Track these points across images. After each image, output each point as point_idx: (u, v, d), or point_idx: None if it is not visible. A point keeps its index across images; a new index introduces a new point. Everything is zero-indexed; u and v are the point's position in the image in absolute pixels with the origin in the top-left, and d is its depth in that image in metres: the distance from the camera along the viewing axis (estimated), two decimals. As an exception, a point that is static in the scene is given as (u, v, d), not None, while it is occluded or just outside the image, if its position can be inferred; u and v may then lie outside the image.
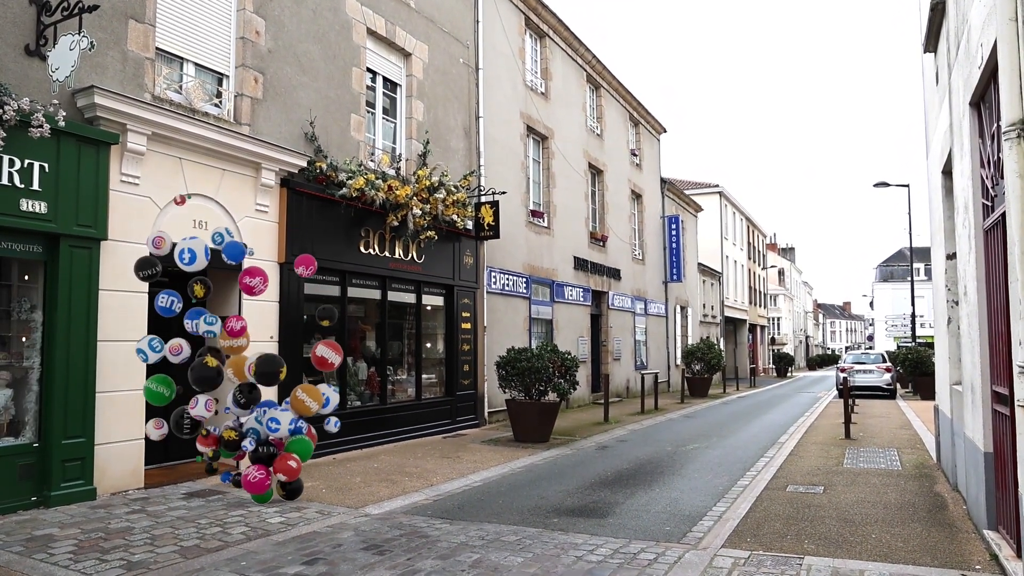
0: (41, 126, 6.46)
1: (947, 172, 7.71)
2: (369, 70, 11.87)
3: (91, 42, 6.68)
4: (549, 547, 5.59)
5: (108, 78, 7.59)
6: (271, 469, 6.92)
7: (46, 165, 6.90)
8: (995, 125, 4.92)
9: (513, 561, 5.20)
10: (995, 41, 4.24)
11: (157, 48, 8.31)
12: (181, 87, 8.71)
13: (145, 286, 7.80)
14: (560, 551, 5.47)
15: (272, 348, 9.26)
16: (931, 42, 7.77)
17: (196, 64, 8.91)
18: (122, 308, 7.58)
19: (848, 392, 13.59)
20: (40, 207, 6.82)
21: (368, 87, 11.87)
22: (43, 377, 6.99)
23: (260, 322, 9.11)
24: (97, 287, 7.32)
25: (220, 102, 9.16)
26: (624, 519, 6.58)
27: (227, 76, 9.28)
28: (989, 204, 5.42)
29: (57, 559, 5.23)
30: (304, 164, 9.91)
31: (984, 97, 5.37)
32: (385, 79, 12.45)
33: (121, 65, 7.78)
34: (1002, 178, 4.73)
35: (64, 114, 6.73)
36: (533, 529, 6.18)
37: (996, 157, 4.99)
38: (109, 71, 7.63)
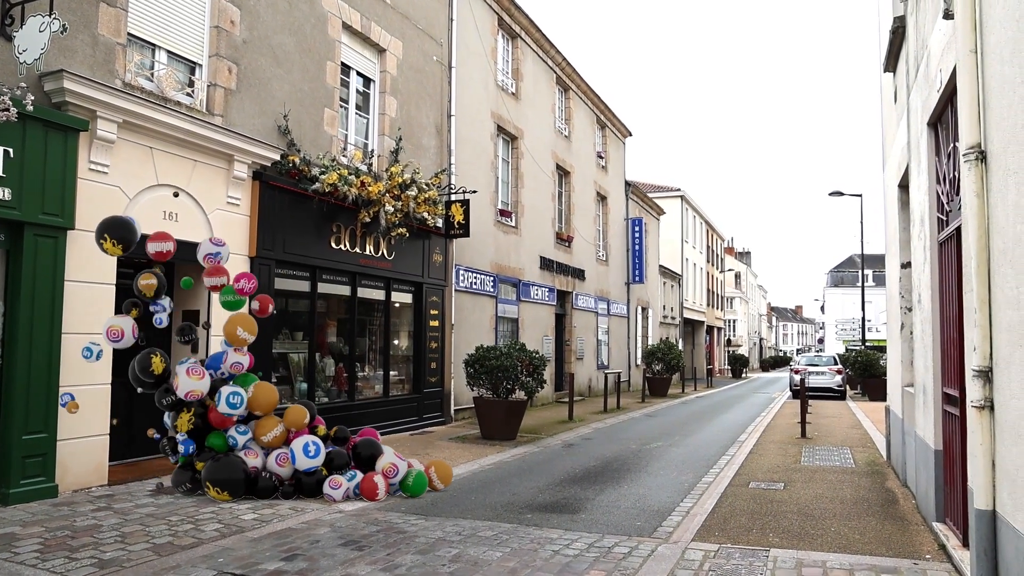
0: (7, 110, 6.28)
1: (903, 186, 8.07)
2: (343, 65, 11.85)
3: (63, 24, 6.54)
4: (525, 542, 5.72)
5: (77, 62, 7.44)
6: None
7: (11, 150, 6.72)
8: (951, 145, 5.21)
9: (492, 556, 5.32)
10: (954, 67, 4.51)
11: (129, 33, 8.17)
12: (152, 74, 8.58)
13: (113, 278, 7.71)
14: (537, 546, 5.61)
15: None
16: (891, 63, 8.12)
17: (168, 52, 8.80)
18: (89, 300, 7.45)
19: (804, 393, 14.03)
20: (3, 194, 6.65)
21: (342, 82, 11.84)
22: (3, 370, 6.83)
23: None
24: (63, 278, 7.17)
25: (192, 92, 9.06)
26: (596, 514, 6.76)
27: (200, 65, 9.18)
28: (944, 218, 5.73)
29: (23, 558, 5.11)
30: (277, 157, 9.86)
31: (941, 118, 5.67)
32: (359, 74, 12.43)
33: (91, 49, 7.63)
34: (957, 194, 5.02)
35: (32, 98, 6.54)
36: (508, 525, 6.31)
37: (952, 175, 5.29)
38: (78, 55, 7.48)
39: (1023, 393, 3.38)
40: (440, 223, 13.87)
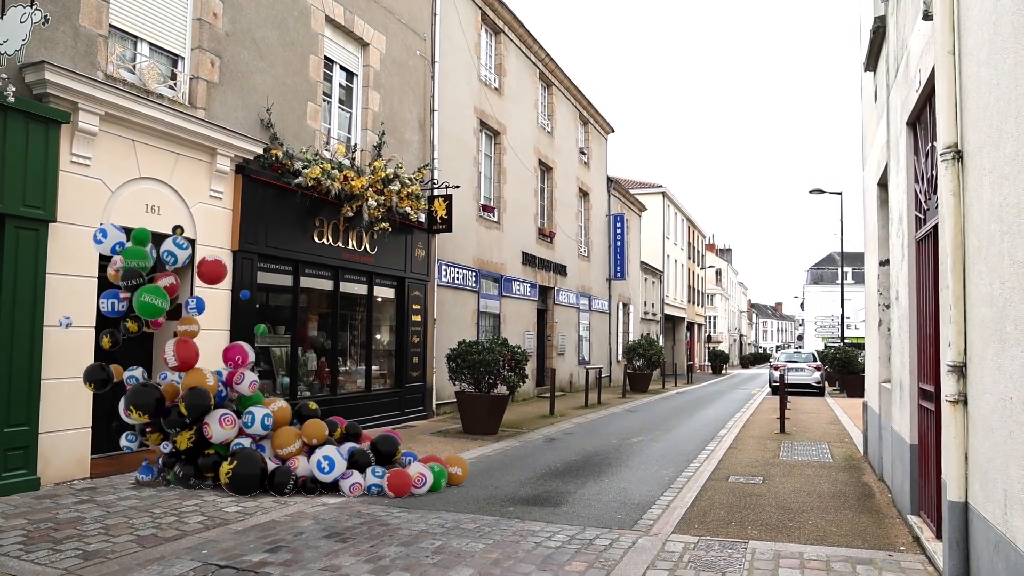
0: None
1: (883, 184, 8.20)
2: (327, 58, 11.79)
3: (45, 16, 6.50)
4: (508, 534, 5.77)
5: (58, 54, 7.36)
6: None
7: (-9, 142, 6.66)
8: (930, 144, 5.32)
9: (475, 547, 5.36)
10: (932, 68, 4.61)
11: (111, 25, 8.09)
12: (135, 67, 8.50)
13: (95, 271, 7.64)
14: (519, 538, 5.66)
15: (224, 337, 9.15)
16: (871, 62, 8.24)
17: (151, 44, 8.71)
18: (70, 293, 7.38)
19: (783, 389, 14.22)
20: (-16, 186, 6.59)
21: (325, 76, 11.79)
22: (-16, 362, 6.77)
23: (212, 311, 8.99)
24: (44, 270, 7.11)
25: (175, 84, 8.98)
26: (577, 508, 6.83)
27: (183, 58, 9.10)
28: (921, 216, 5.85)
29: (6, 550, 5.09)
30: (260, 151, 9.80)
31: (920, 118, 5.78)
32: (342, 68, 12.38)
33: (72, 41, 7.55)
34: (934, 193, 5.13)
35: (14, 89, 6.53)
36: (490, 517, 6.36)
37: (930, 174, 5.40)
38: (59, 46, 7.40)
39: (995, 388, 3.47)
40: (423, 218, 13.87)
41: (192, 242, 8.87)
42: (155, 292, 7.01)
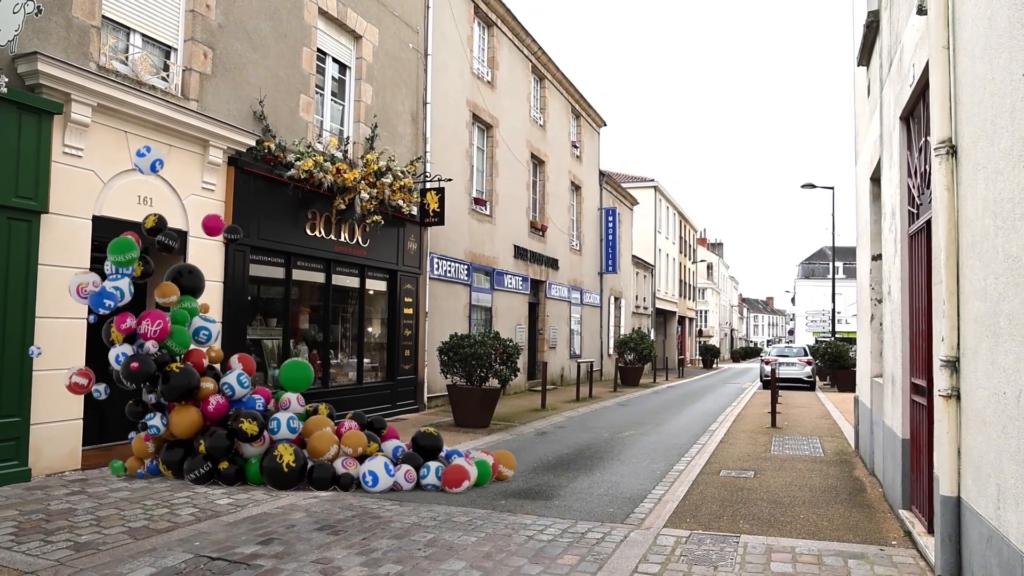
0: None
1: (875, 179, 8.23)
2: (319, 51, 11.72)
3: (38, 6, 6.46)
4: (500, 527, 5.78)
5: (51, 45, 7.30)
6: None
7: (-16, 133, 6.61)
8: (923, 139, 5.34)
9: (467, 540, 5.37)
10: (927, 62, 4.61)
11: (103, 16, 8.03)
12: (127, 58, 8.43)
13: (87, 262, 7.59)
14: (511, 531, 5.67)
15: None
16: (864, 56, 8.26)
17: (143, 35, 8.65)
18: (62, 284, 7.31)
19: (774, 383, 14.27)
20: (-24, 176, 6.54)
21: (318, 68, 11.72)
22: (-25, 354, 6.72)
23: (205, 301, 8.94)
24: (36, 261, 7.07)
25: (167, 76, 8.91)
26: (569, 501, 6.84)
27: (175, 49, 9.03)
28: (914, 211, 5.87)
29: (-3, 540, 5.09)
30: (252, 143, 9.75)
31: (913, 112, 5.80)
32: (335, 61, 12.31)
33: (65, 32, 7.48)
34: (927, 188, 5.15)
35: (6, 80, 6.49)
36: (482, 511, 6.36)
37: (923, 168, 5.41)
38: (52, 37, 7.33)
39: (989, 382, 3.49)
40: (415, 211, 13.84)
41: (184, 234, 8.83)
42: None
